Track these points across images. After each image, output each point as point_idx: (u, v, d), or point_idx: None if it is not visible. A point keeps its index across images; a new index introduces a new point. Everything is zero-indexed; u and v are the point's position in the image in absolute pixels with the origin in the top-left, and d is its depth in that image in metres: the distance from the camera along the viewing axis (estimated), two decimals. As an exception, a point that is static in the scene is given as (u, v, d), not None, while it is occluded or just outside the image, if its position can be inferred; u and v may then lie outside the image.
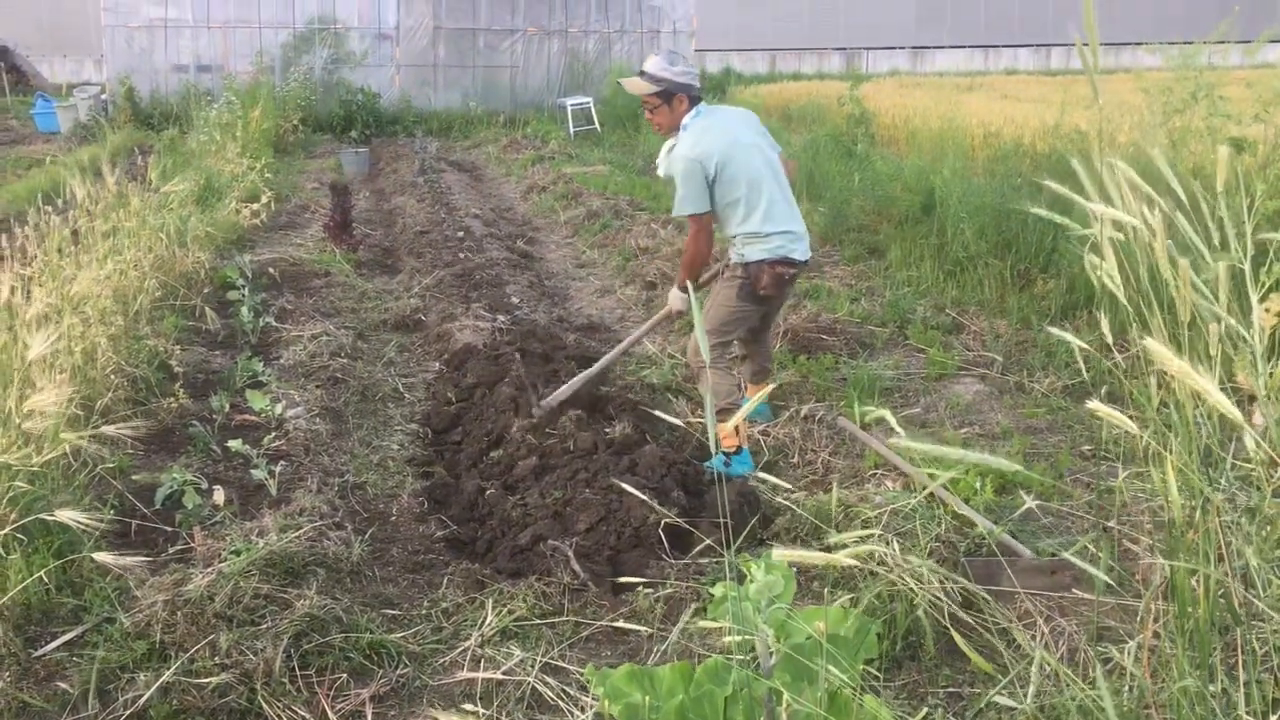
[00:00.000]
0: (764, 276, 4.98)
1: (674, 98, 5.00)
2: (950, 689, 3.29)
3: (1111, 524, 4.13)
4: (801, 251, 5.07)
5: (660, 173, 5.25)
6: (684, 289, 5.18)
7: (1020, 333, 6.64)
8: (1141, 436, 1.94)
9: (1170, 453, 2.15)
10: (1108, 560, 2.14)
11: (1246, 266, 2.32)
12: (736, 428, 4.91)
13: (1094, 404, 1.70)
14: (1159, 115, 7.08)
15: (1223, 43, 6.88)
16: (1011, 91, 19.06)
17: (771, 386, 5.34)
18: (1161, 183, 2.22)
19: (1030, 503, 3.47)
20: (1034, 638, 3.40)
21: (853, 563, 1.72)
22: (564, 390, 5.39)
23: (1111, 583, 2.06)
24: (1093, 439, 5.09)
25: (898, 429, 1.87)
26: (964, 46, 32.67)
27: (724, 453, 4.88)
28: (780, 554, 1.72)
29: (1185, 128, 6.86)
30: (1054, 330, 2.37)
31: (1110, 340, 2.35)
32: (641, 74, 5.06)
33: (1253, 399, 2.17)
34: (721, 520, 3.83)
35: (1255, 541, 2.16)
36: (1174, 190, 2.22)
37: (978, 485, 4.36)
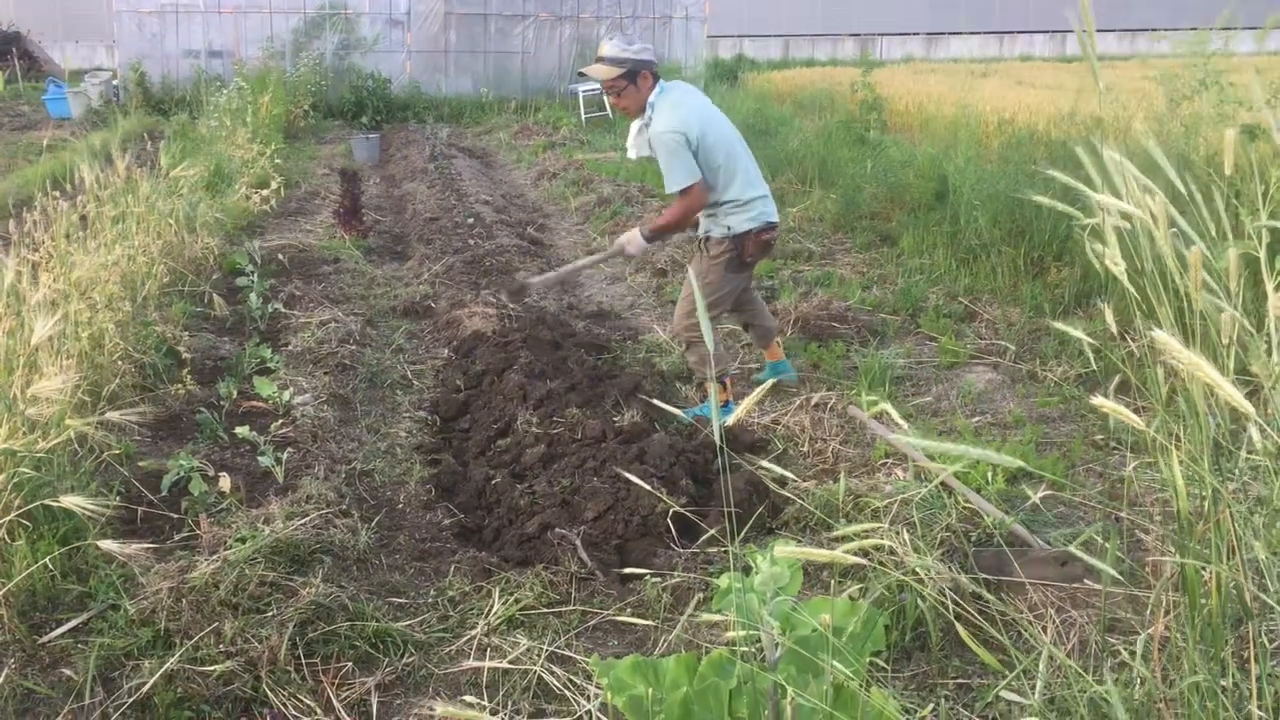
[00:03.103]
0: (749, 245, 5.16)
1: (638, 76, 5.06)
2: (960, 680, 3.26)
3: (1123, 514, 4.09)
4: (774, 211, 5.26)
5: (632, 155, 5.36)
6: (649, 238, 5.31)
7: (1033, 321, 6.59)
8: (1146, 431, 1.90)
9: (1179, 443, 2.12)
10: (1115, 552, 2.10)
11: (1262, 254, 2.28)
12: (725, 384, 5.39)
13: (1098, 399, 1.67)
14: (1168, 102, 7.02)
15: (1231, 29, 6.81)
16: (1026, 78, 18.96)
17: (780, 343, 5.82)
18: (1167, 169, 2.18)
19: (1039, 494, 3.43)
20: (1045, 629, 3.37)
21: (856, 560, 1.69)
22: (547, 278, 5.92)
23: (1117, 575, 2.03)
24: (1105, 428, 5.05)
25: (900, 422, 1.83)
26: (979, 33, 32.50)
27: (722, 405, 5.23)
28: (782, 551, 1.69)
29: (1196, 114, 6.80)
30: (1056, 324, 2.34)
31: (1114, 330, 2.31)
32: (600, 59, 5.08)
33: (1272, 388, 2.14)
34: (727, 509, 3.80)
35: (1263, 534, 2.13)
36: (1177, 178, 2.18)
37: (989, 475, 4.32)
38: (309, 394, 5.39)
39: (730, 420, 2.08)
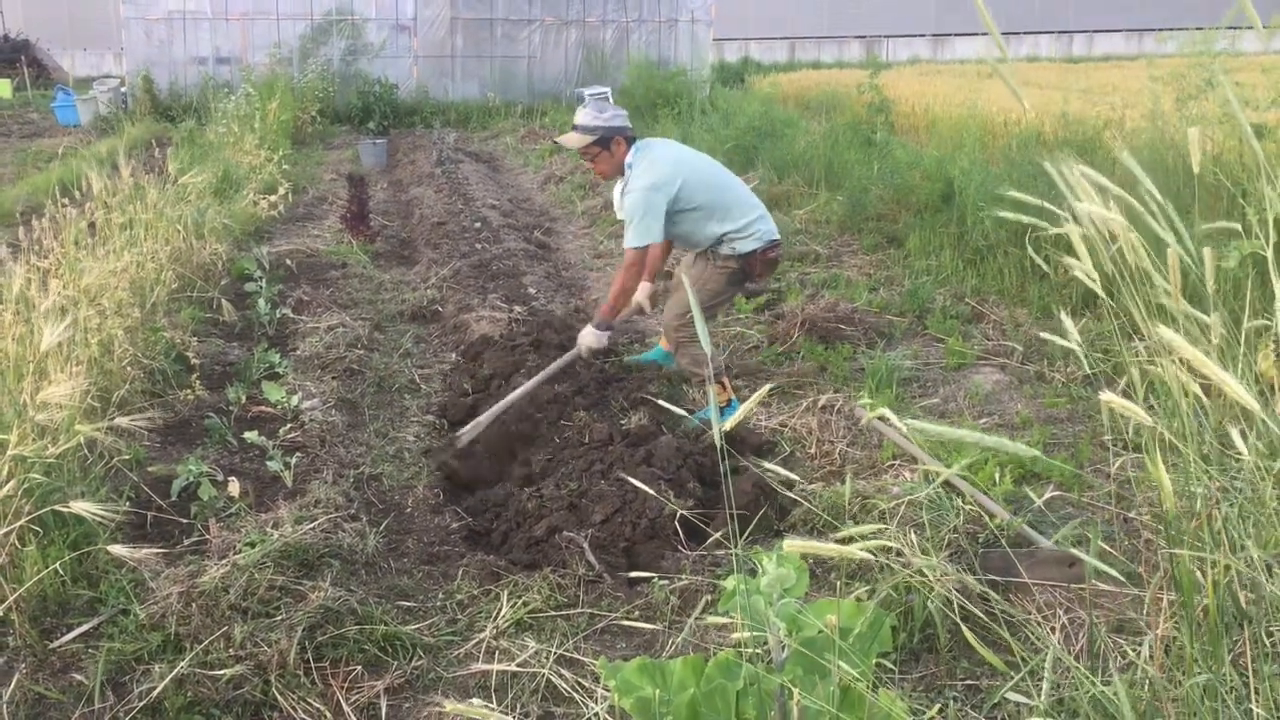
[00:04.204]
0: (756, 265, 5.39)
1: (611, 142, 5.27)
2: (968, 681, 3.27)
3: (1131, 514, 4.09)
4: (774, 229, 5.47)
5: (620, 215, 5.44)
6: (604, 326, 5.29)
7: (1040, 322, 6.59)
8: (1155, 426, 1.90)
9: (1170, 441, 2.12)
10: (1097, 546, 2.10)
11: (1269, 254, 2.28)
12: (724, 383, 5.41)
13: (1106, 395, 1.67)
14: (1176, 101, 7.01)
15: (1237, 28, 6.81)
16: (1032, 79, 18.94)
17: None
18: (1169, 173, 2.19)
19: (1046, 495, 3.43)
20: (1052, 630, 3.37)
21: (865, 555, 1.69)
22: (477, 424, 5.15)
23: (1113, 572, 2.03)
24: (1113, 429, 5.04)
25: (899, 425, 1.84)
26: (985, 34, 32.36)
27: (722, 406, 5.30)
28: (791, 545, 1.70)
29: (1200, 114, 6.78)
30: (1046, 335, 2.34)
31: (1078, 339, 2.32)
32: (574, 128, 5.30)
33: (1274, 389, 2.14)
34: (730, 511, 3.81)
35: (1253, 532, 2.12)
36: (1153, 186, 2.18)
37: (996, 476, 4.32)
38: (317, 399, 5.41)
39: (729, 424, 2.08)
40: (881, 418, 1.60)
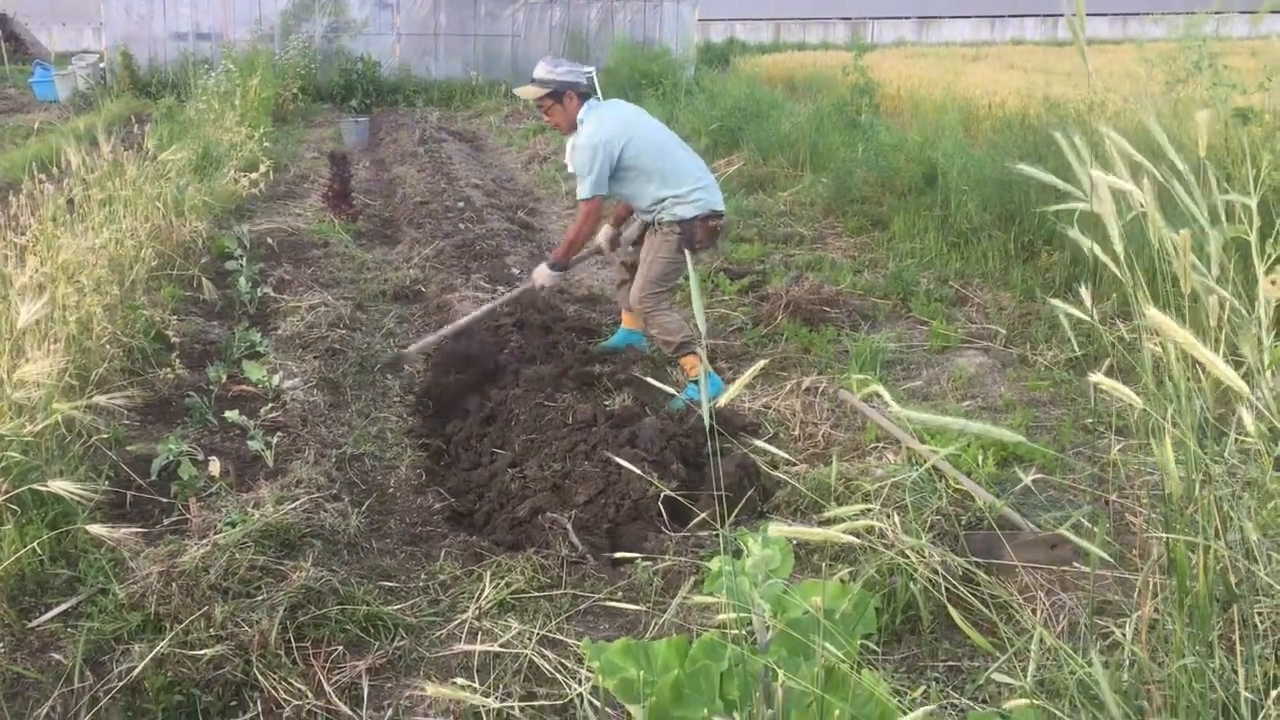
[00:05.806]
0: (698, 231, 5.44)
1: (564, 96, 5.48)
2: (950, 662, 3.28)
3: (1112, 497, 4.10)
4: (718, 200, 5.55)
5: (570, 169, 5.69)
6: (558, 266, 5.70)
7: (1024, 305, 6.60)
8: (1144, 409, 1.90)
9: (1170, 425, 2.11)
10: (1103, 534, 2.10)
11: (1253, 238, 2.27)
12: (698, 354, 5.40)
13: (1097, 376, 1.66)
14: (1161, 85, 7.02)
15: (1223, 13, 6.82)
16: (1017, 61, 18.94)
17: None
18: (1161, 152, 2.17)
19: (1029, 477, 3.44)
20: (1034, 612, 3.38)
21: (850, 539, 1.68)
22: (428, 341, 5.91)
23: (1107, 557, 2.03)
24: (1095, 412, 5.06)
25: (892, 403, 1.83)
26: (970, 16, 32.42)
27: (693, 382, 5.35)
28: (777, 530, 1.69)
29: (1188, 98, 6.79)
30: (1055, 302, 2.33)
31: (1093, 313, 2.31)
32: (532, 81, 5.52)
33: (1259, 371, 2.13)
34: (718, 492, 3.80)
35: (1254, 516, 2.13)
36: (1172, 159, 2.17)
37: (979, 459, 4.33)
38: (299, 378, 5.37)
39: (722, 400, 2.07)
40: (874, 395, 1.59)
